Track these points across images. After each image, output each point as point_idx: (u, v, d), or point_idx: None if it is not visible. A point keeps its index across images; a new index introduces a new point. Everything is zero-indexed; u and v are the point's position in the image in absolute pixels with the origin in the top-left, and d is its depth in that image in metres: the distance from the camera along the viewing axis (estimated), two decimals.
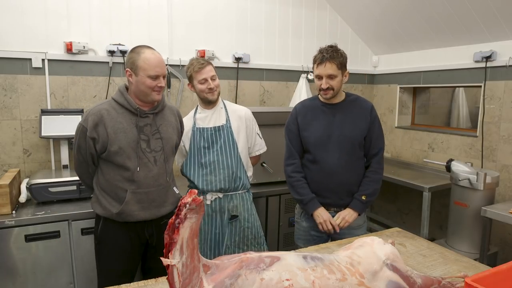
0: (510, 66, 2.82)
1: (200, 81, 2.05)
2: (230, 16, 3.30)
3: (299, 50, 3.66)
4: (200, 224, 2.06)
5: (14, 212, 2.14)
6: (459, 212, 2.63)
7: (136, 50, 1.74)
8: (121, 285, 1.27)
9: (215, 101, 2.13)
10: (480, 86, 3.05)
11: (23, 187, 2.33)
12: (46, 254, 2.16)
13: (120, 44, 2.86)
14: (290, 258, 1.08)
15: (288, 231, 2.96)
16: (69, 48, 2.69)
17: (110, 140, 1.72)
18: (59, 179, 2.33)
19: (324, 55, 1.89)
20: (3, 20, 2.53)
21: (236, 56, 3.32)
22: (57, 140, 2.71)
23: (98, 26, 2.82)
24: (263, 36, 3.47)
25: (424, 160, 3.41)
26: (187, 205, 0.89)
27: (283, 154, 2.16)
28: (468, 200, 2.57)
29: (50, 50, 2.69)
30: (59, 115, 2.66)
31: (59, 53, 2.71)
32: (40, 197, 2.27)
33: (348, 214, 1.97)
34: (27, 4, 2.57)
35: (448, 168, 2.75)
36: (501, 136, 2.93)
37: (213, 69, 2.08)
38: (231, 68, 3.34)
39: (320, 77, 1.93)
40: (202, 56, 3.13)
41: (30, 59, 2.62)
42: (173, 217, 0.90)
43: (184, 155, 2.18)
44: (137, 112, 1.77)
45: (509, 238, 2.93)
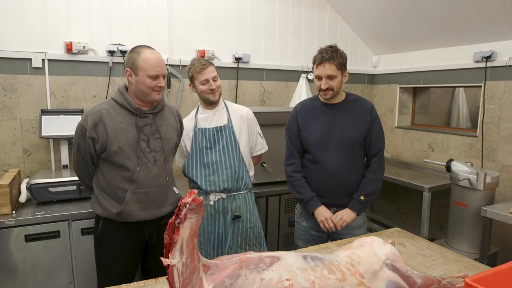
0: (510, 66, 2.82)
1: (202, 82, 2.04)
2: (230, 16, 3.30)
3: (299, 50, 3.66)
4: (204, 225, 2.08)
5: (14, 212, 2.14)
6: (459, 212, 2.63)
7: (136, 50, 1.74)
8: (121, 285, 1.27)
9: (217, 102, 2.13)
10: (480, 86, 3.05)
11: (23, 187, 2.33)
12: (46, 254, 2.16)
13: (120, 44, 2.87)
14: (290, 258, 1.08)
15: (288, 231, 2.96)
16: (69, 48, 2.70)
17: (110, 140, 1.72)
18: (59, 179, 2.33)
19: (324, 56, 1.88)
20: (3, 20, 2.53)
21: (236, 56, 3.32)
22: (57, 140, 2.71)
23: (98, 26, 2.82)
24: (263, 36, 3.47)
25: (424, 160, 3.41)
26: (187, 205, 0.89)
27: (283, 154, 2.16)
28: (468, 200, 2.57)
29: (50, 50, 2.69)
30: (59, 115, 2.66)
31: (59, 53, 2.71)
32: (40, 197, 2.27)
33: (346, 214, 1.97)
34: (27, 4, 2.57)
35: (448, 168, 2.75)
36: (501, 136, 2.93)
37: (215, 70, 2.08)
38: (231, 68, 3.34)
39: (320, 78, 1.93)
40: (202, 56, 3.13)
41: (30, 59, 2.62)
42: (173, 217, 0.90)
43: (185, 156, 2.18)
44: (137, 112, 1.77)
45: (509, 238, 2.93)
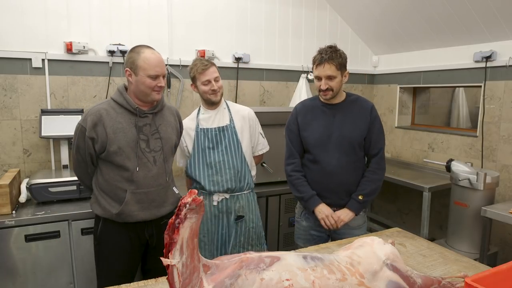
0: (510, 66, 2.82)
1: (204, 83, 2.04)
2: (230, 16, 3.30)
3: (299, 50, 3.66)
4: (207, 225, 2.09)
5: (14, 212, 2.14)
6: (459, 212, 2.63)
7: (136, 50, 1.74)
8: (121, 285, 1.27)
9: (218, 102, 2.13)
10: (480, 86, 3.05)
11: (23, 187, 2.33)
12: (46, 254, 2.16)
13: (120, 44, 2.86)
14: (290, 258, 1.08)
15: (288, 231, 2.96)
16: (69, 48, 2.69)
17: (109, 140, 1.71)
18: (59, 179, 2.33)
19: (323, 56, 1.88)
20: (3, 20, 2.53)
21: (236, 56, 3.32)
22: (57, 140, 2.71)
23: (98, 26, 2.82)
24: (263, 36, 3.47)
25: (424, 160, 3.41)
26: (187, 205, 0.89)
27: (283, 154, 2.16)
28: (468, 200, 2.57)
29: (50, 50, 2.69)
30: (59, 115, 2.66)
31: (59, 53, 2.71)
32: (40, 197, 2.27)
33: (344, 214, 1.97)
34: (27, 4, 2.57)
35: (448, 168, 2.75)
36: (501, 136, 2.92)
37: (217, 70, 2.08)
38: (231, 68, 3.34)
39: (319, 78, 1.93)
40: (202, 56, 3.13)
41: (30, 59, 2.62)
42: (173, 217, 0.90)
43: (186, 156, 2.18)
44: (136, 112, 1.77)
45: (509, 238, 2.93)
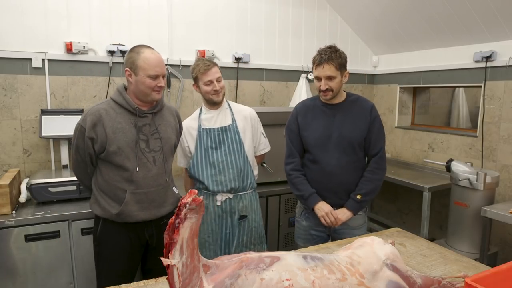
0: (510, 66, 2.82)
1: (206, 83, 2.05)
2: (230, 16, 3.30)
3: (299, 50, 3.66)
4: (212, 226, 2.09)
5: (14, 212, 2.14)
6: (459, 212, 2.63)
7: (136, 50, 1.74)
8: (121, 285, 1.27)
9: (220, 102, 2.14)
10: (480, 86, 3.05)
11: (23, 187, 2.33)
12: (46, 254, 2.16)
13: (120, 44, 2.86)
14: (290, 258, 1.08)
15: (288, 231, 2.96)
16: (69, 48, 2.69)
17: (109, 140, 1.71)
18: (59, 179, 2.33)
19: (322, 57, 1.88)
20: (3, 20, 2.53)
21: (236, 56, 3.32)
22: (57, 140, 2.71)
23: (98, 26, 2.82)
24: (263, 36, 3.47)
25: (424, 160, 3.41)
26: (187, 205, 0.89)
27: (283, 154, 2.16)
28: (468, 200, 2.57)
29: (50, 50, 2.69)
30: (59, 115, 2.66)
31: (59, 53, 2.71)
32: (40, 197, 2.27)
33: (341, 213, 1.97)
34: (27, 4, 2.57)
35: (448, 168, 2.75)
36: (501, 136, 2.92)
37: (219, 71, 2.08)
38: (231, 68, 3.34)
39: (319, 79, 1.93)
40: (202, 56, 3.13)
41: (30, 59, 2.62)
42: (173, 217, 0.90)
43: (188, 156, 2.18)
44: (136, 112, 1.77)
45: (509, 238, 2.93)
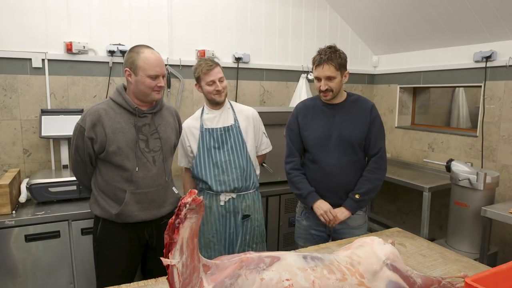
0: (510, 66, 2.82)
1: (208, 83, 2.05)
2: (230, 16, 3.30)
3: (299, 50, 3.66)
4: (216, 226, 2.09)
5: (14, 212, 2.14)
6: (459, 212, 2.63)
7: (135, 50, 1.73)
8: (121, 285, 1.27)
9: (223, 102, 2.14)
10: (480, 86, 3.05)
11: (23, 187, 2.33)
12: (46, 254, 2.16)
13: (120, 44, 2.86)
14: (290, 258, 1.08)
15: (288, 231, 2.96)
16: (69, 48, 2.69)
17: (109, 140, 1.71)
18: (59, 179, 2.33)
19: (322, 57, 1.88)
20: (3, 20, 2.53)
21: (236, 56, 3.32)
22: (57, 140, 2.71)
23: (98, 26, 2.82)
24: (263, 36, 3.47)
25: (424, 160, 3.41)
26: (187, 205, 0.89)
27: (283, 154, 2.16)
28: (468, 200, 2.57)
29: (50, 50, 2.69)
30: (59, 115, 2.66)
31: (59, 53, 2.71)
32: (40, 197, 2.27)
33: (339, 212, 1.97)
34: (27, 4, 2.57)
35: (448, 168, 2.75)
36: (501, 136, 2.92)
37: (221, 71, 2.08)
38: (231, 68, 3.34)
39: (319, 79, 1.93)
40: (202, 56, 3.13)
41: (30, 59, 2.62)
42: (173, 217, 0.90)
43: (189, 156, 2.17)
44: (136, 112, 1.77)
45: (509, 238, 2.93)
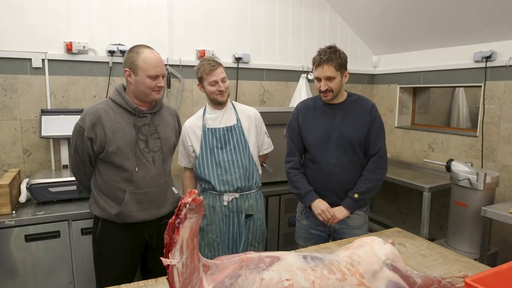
0: (510, 66, 2.82)
1: (211, 83, 2.05)
2: (230, 16, 3.30)
3: (299, 50, 3.66)
4: (219, 226, 2.09)
5: (14, 212, 2.14)
6: (459, 212, 2.63)
7: (135, 50, 1.73)
8: (121, 285, 1.27)
9: (225, 102, 2.14)
10: (480, 86, 3.05)
11: (23, 187, 2.33)
12: (46, 254, 2.16)
13: (120, 44, 2.86)
14: (290, 258, 1.08)
15: (288, 231, 2.96)
16: (69, 48, 2.69)
17: (108, 140, 1.71)
18: (59, 179, 2.33)
19: (322, 57, 1.88)
20: (3, 20, 2.53)
21: (236, 56, 3.32)
22: (57, 140, 2.71)
23: (98, 26, 2.82)
24: (263, 36, 3.47)
25: (424, 160, 3.41)
26: (187, 205, 0.89)
27: (283, 154, 2.16)
28: (468, 200, 2.57)
29: (50, 50, 2.69)
30: (59, 115, 2.66)
31: (59, 53, 2.71)
32: (40, 197, 2.27)
33: (338, 211, 1.97)
34: (27, 4, 2.57)
35: (448, 168, 2.75)
36: (501, 136, 2.92)
37: (224, 71, 2.08)
38: (231, 68, 3.34)
39: (319, 79, 1.93)
40: (202, 56, 3.13)
41: (30, 59, 2.62)
42: (173, 217, 0.90)
43: (191, 155, 2.17)
44: (135, 112, 1.77)
45: (509, 238, 2.93)
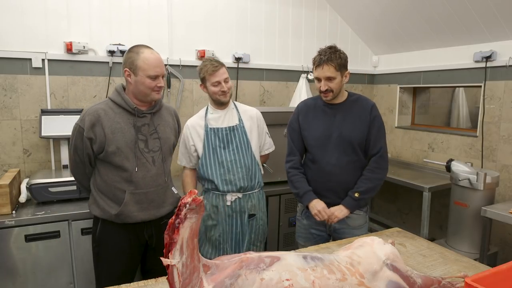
0: (510, 66, 2.82)
1: (213, 84, 2.05)
2: (230, 16, 3.30)
3: (299, 50, 3.66)
4: (222, 226, 2.09)
5: (14, 212, 2.14)
6: (459, 212, 2.63)
7: (135, 50, 1.73)
8: (121, 285, 1.27)
9: (228, 102, 2.15)
10: (480, 86, 3.05)
11: (23, 187, 2.33)
12: (46, 254, 2.16)
13: (120, 44, 2.86)
14: (290, 258, 1.08)
15: (288, 231, 2.96)
16: (69, 48, 2.69)
17: (108, 140, 1.71)
18: (59, 179, 2.33)
19: (322, 58, 1.88)
20: (3, 20, 2.53)
21: (236, 56, 3.32)
22: (57, 140, 2.71)
23: (98, 26, 2.82)
24: (263, 36, 3.47)
25: (424, 160, 3.41)
26: (187, 205, 0.89)
27: (283, 154, 2.17)
28: (468, 200, 2.57)
29: (50, 50, 2.69)
30: (59, 115, 2.66)
31: (59, 53, 2.71)
32: (40, 197, 2.27)
33: (338, 210, 1.97)
34: (27, 4, 2.57)
35: (448, 168, 2.75)
36: (501, 136, 2.92)
37: (226, 71, 2.08)
38: (231, 68, 3.33)
39: (319, 80, 1.93)
40: (202, 56, 3.13)
41: (30, 59, 2.62)
42: (173, 217, 0.90)
43: (193, 155, 2.17)
44: (135, 112, 1.77)
45: (509, 238, 2.93)
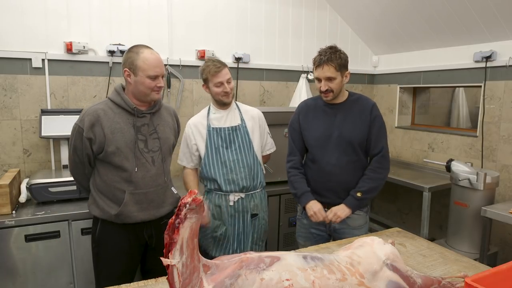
0: (510, 66, 2.82)
1: (216, 84, 2.05)
2: (230, 16, 3.30)
3: (299, 50, 3.66)
4: (225, 225, 2.09)
5: (14, 212, 2.14)
6: (459, 212, 2.63)
7: (135, 50, 1.73)
8: (121, 285, 1.27)
9: (230, 103, 2.15)
10: (480, 86, 3.05)
11: (23, 187, 2.33)
12: (46, 254, 2.16)
13: (120, 44, 2.86)
14: (290, 258, 1.08)
15: (288, 231, 2.96)
16: (69, 48, 2.69)
17: (107, 141, 1.71)
18: (59, 179, 2.33)
19: (322, 58, 1.88)
20: (3, 20, 2.53)
21: (236, 56, 3.32)
22: (57, 140, 2.71)
23: (98, 26, 2.82)
24: (263, 36, 3.47)
25: (424, 160, 3.41)
26: (187, 205, 0.89)
27: (283, 154, 2.18)
28: (468, 200, 2.57)
29: (50, 50, 2.69)
30: (59, 115, 2.66)
31: (59, 53, 2.71)
32: (40, 197, 2.27)
33: (340, 210, 1.97)
34: (27, 4, 2.57)
35: (448, 168, 2.75)
36: (501, 136, 2.92)
37: (229, 72, 2.08)
38: (231, 68, 3.29)
39: (319, 80, 1.93)
40: (202, 56, 3.13)
41: (30, 59, 2.62)
42: (173, 217, 0.90)
43: (194, 155, 2.17)
44: (134, 112, 1.77)
45: (509, 238, 2.93)
